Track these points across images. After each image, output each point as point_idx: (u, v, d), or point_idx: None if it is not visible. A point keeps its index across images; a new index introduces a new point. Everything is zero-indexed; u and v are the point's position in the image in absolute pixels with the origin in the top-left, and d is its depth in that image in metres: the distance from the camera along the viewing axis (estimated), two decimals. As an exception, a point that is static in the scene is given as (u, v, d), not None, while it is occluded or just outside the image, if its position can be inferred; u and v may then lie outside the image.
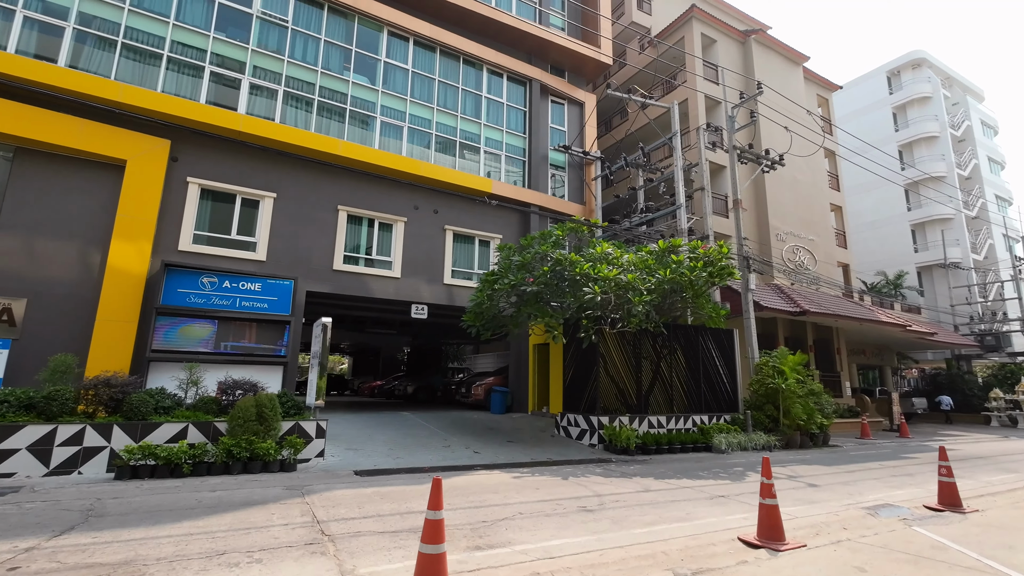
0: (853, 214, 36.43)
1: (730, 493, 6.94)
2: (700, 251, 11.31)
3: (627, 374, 13.25)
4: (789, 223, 21.22)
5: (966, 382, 28.02)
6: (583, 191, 19.02)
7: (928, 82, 34.69)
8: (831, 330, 22.16)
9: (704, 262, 11.11)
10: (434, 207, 15.67)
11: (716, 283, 11.02)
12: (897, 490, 7.60)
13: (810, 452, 12.39)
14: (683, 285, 10.71)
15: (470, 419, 14.26)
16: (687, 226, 15.32)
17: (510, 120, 17.80)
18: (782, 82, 22.54)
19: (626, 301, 10.24)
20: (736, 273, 11.36)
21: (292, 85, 13.93)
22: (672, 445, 11.52)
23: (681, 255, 10.99)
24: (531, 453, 10.05)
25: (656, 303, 10.63)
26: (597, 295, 10.17)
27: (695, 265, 10.89)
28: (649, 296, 10.31)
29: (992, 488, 8.06)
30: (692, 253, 11.44)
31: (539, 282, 10.99)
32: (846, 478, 8.53)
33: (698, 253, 11.27)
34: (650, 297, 10.35)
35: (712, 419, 13.23)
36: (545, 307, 11.07)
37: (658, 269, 10.69)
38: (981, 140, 35.98)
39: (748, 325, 14.76)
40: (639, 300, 10.12)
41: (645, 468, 9.04)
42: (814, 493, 7.15)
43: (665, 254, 11.34)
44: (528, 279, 11.12)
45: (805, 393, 13.81)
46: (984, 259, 33.16)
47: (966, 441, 17.09)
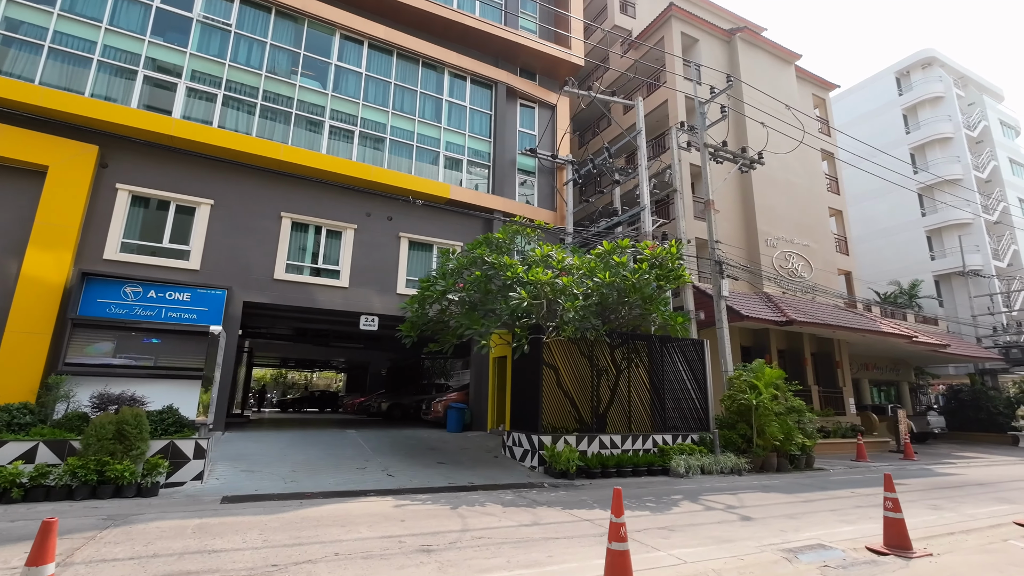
0: (865, 221, 34.72)
1: (637, 528, 5.84)
2: (647, 252, 10.27)
3: (581, 388, 12.18)
4: (781, 228, 19.91)
5: (991, 399, 25.81)
6: (555, 197, 18.16)
7: (940, 81, 33.02)
8: (832, 343, 20.60)
9: (650, 264, 10.07)
10: (388, 214, 14.99)
11: (664, 287, 9.95)
12: (848, 525, 6.37)
13: (783, 476, 11.05)
14: (627, 289, 9.67)
15: (418, 438, 13.31)
16: (651, 229, 14.27)
17: (474, 124, 17.13)
18: (772, 81, 21.45)
19: (560, 307, 9.26)
20: (687, 277, 10.28)
21: (234, 89, 13.51)
22: (623, 468, 10.35)
23: (624, 257, 9.98)
24: (455, 477, 9.04)
25: (593, 309, 9.61)
26: (524, 300, 9.22)
27: (640, 267, 9.86)
28: (583, 301, 9.31)
29: (971, 524, 6.75)
30: (639, 255, 10.41)
31: (469, 288, 10.10)
32: (798, 509, 7.30)
33: (644, 255, 10.24)
34: (584, 302, 9.34)
35: (677, 439, 12.00)
36: (477, 315, 10.15)
37: (598, 272, 9.70)
38: (1000, 141, 33.96)
39: (721, 335, 13.53)
40: (571, 305, 9.13)
41: (570, 496, 7.95)
42: (738, 529, 5.99)
43: (609, 256, 10.33)
44: (458, 284, 10.24)
45: (784, 410, 12.48)
46: (1008, 266, 30.95)
47: (979, 464, 15.35)
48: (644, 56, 21.00)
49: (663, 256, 10.20)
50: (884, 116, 34.85)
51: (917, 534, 5.96)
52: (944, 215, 31.14)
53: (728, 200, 19.57)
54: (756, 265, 18.49)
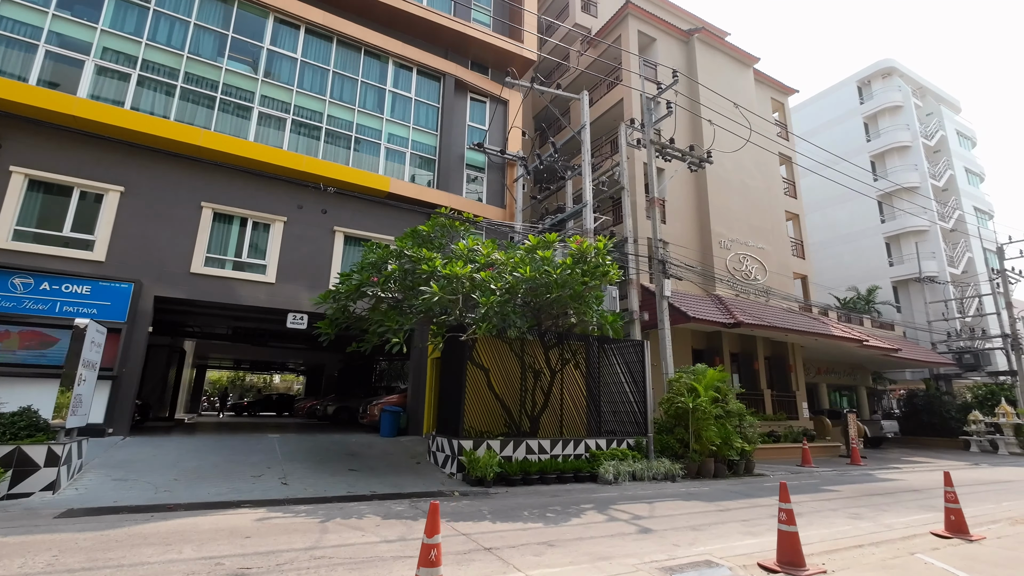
0: (826, 227, 35.06)
1: (516, 542, 5.26)
2: (572, 246, 9.76)
3: (514, 391, 11.62)
4: (735, 230, 19.71)
5: (944, 404, 26.07)
6: (505, 194, 17.62)
7: (899, 91, 33.59)
8: (786, 346, 20.45)
9: (575, 260, 9.56)
10: (322, 207, 14.25)
11: (589, 283, 9.44)
12: (752, 538, 5.89)
13: (716, 483, 10.62)
14: (550, 285, 9.13)
15: (344, 443, 12.56)
16: (593, 226, 13.82)
17: (420, 116, 16.51)
18: (730, 84, 21.31)
19: (475, 303, 8.67)
20: (615, 275, 9.80)
21: (151, 70, 12.66)
22: (547, 475, 9.79)
23: (548, 251, 9.45)
24: (359, 485, 8.35)
25: (512, 306, 9.03)
26: (436, 295, 8.62)
27: (565, 263, 9.33)
28: (499, 297, 8.74)
29: (885, 535, 6.34)
30: (566, 250, 9.88)
31: (384, 282, 9.45)
32: (708, 519, 6.81)
33: (570, 250, 9.73)
34: (501, 298, 8.77)
35: (613, 443, 11.49)
36: (393, 312, 9.51)
37: (519, 267, 9.15)
38: (957, 151, 34.67)
39: (663, 336, 13.11)
40: (486, 301, 8.55)
41: (471, 506, 7.33)
42: (628, 543, 5.45)
43: (535, 251, 9.79)
44: (373, 279, 9.58)
45: (723, 414, 12.09)
46: (963, 273, 31.49)
47: (923, 469, 15.22)
48: (603, 54, 20.69)
49: (589, 252, 9.69)
50: (846, 124, 35.31)
51: (821, 548, 5.51)
52: (902, 222, 31.58)
53: (682, 201, 19.31)
54: (708, 266, 18.22)
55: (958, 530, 6.42)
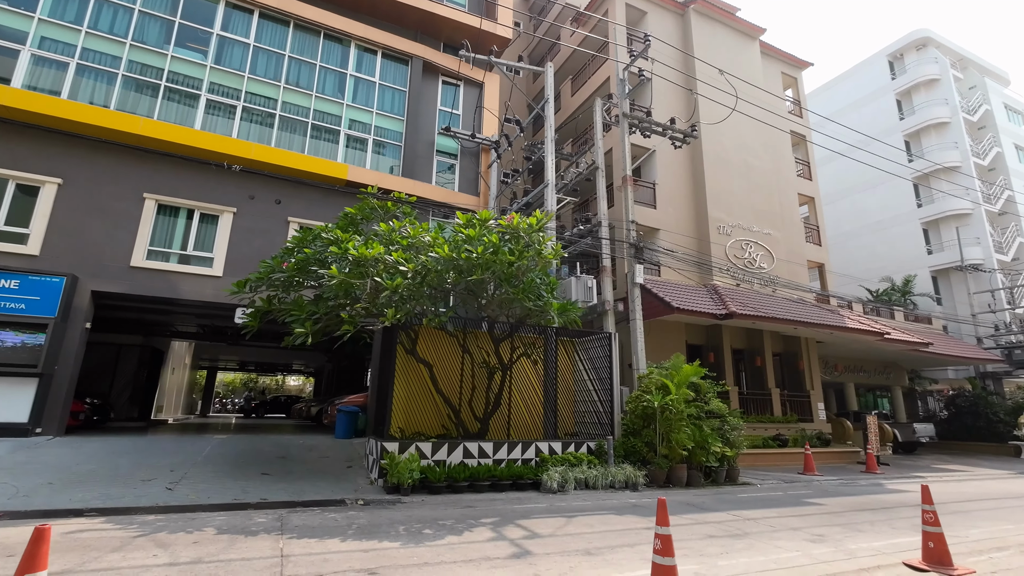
0: (855, 215, 32.50)
1: (311, 573, 4.22)
2: (501, 223, 8.63)
3: (460, 387, 10.58)
4: (737, 215, 18.02)
5: (991, 405, 23.35)
6: (479, 182, 16.60)
7: (935, 63, 30.72)
8: (798, 341, 18.60)
9: (503, 238, 8.43)
10: (276, 197, 13.60)
11: (516, 264, 8.27)
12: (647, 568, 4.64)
13: (682, 493, 9.24)
14: (473, 266, 8.04)
15: (286, 445, 11.80)
16: (556, 208, 12.62)
17: (385, 101, 15.71)
18: (732, 58, 19.62)
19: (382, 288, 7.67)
20: (551, 254, 8.60)
21: (90, 59, 12.30)
22: (479, 482, 8.67)
23: (472, 230, 8.35)
24: (258, 492, 7.46)
25: (426, 291, 7.99)
26: (336, 278, 7.68)
27: (491, 242, 8.22)
28: (409, 280, 7.72)
29: (837, 566, 4.97)
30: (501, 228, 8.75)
31: (293, 269, 8.60)
32: (616, 541, 5.58)
33: (499, 226, 8.59)
34: (412, 281, 7.75)
35: (570, 447, 10.26)
36: (302, 299, 8.64)
37: (434, 247, 8.10)
38: (1005, 126, 31.44)
39: (634, 328, 11.78)
40: (390, 284, 7.54)
41: (354, 518, 6.33)
42: (479, 570, 4.32)
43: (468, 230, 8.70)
44: (284, 264, 8.75)
45: (699, 415, 10.68)
46: (1013, 260, 28.41)
47: (949, 479, 13.26)
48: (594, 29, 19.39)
49: (521, 229, 8.53)
50: (877, 102, 32.60)
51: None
52: (941, 205, 28.79)
53: (676, 184, 17.80)
54: (704, 254, 16.65)
55: (938, 562, 4.97)
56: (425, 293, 8.18)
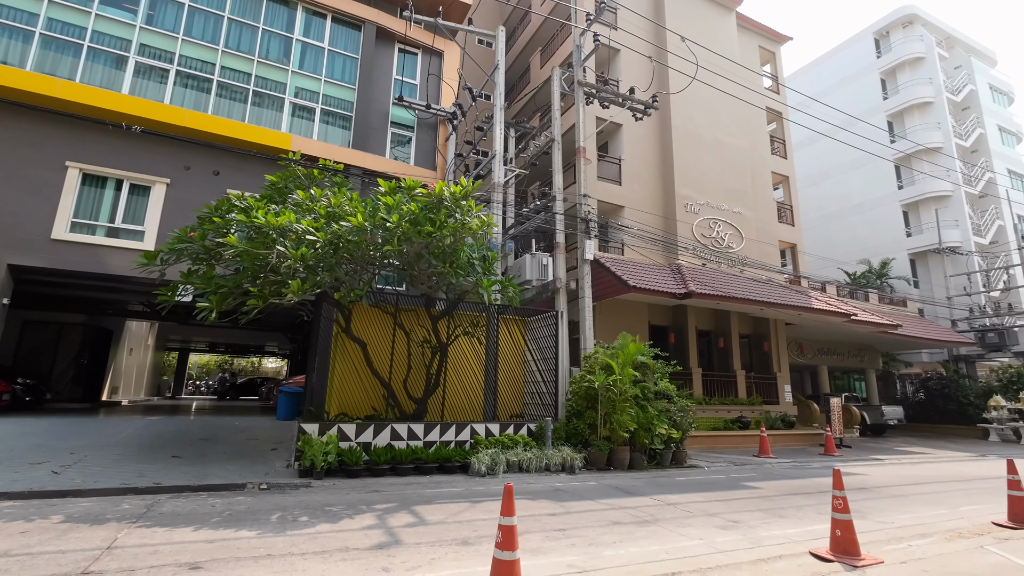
0: (839, 196, 32.10)
1: (134, 568, 3.75)
2: (422, 191, 8.04)
3: (397, 367, 10.12)
4: (707, 193, 17.49)
5: (961, 388, 23.28)
6: (436, 155, 15.93)
7: (920, 41, 30.04)
8: (767, 323, 18.25)
9: (424, 208, 7.86)
10: (215, 168, 12.90)
11: (435, 235, 7.71)
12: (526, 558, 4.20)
13: (619, 476, 8.86)
14: (391, 237, 7.48)
15: (217, 427, 11.36)
16: (504, 180, 12.03)
17: (335, 68, 14.92)
18: (706, 30, 18.88)
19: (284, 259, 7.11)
20: (475, 224, 8.03)
21: (4, 15, 11.44)
22: (401, 465, 8.23)
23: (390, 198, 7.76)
24: (152, 476, 6.97)
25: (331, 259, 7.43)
26: (235, 247, 7.11)
27: (409, 211, 7.65)
28: (313, 251, 7.15)
29: (734, 556, 4.57)
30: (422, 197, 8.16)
31: (199, 239, 8.00)
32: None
33: (418, 194, 8.01)
34: (318, 251, 7.19)
35: (508, 429, 9.84)
36: (211, 271, 8.07)
37: (348, 215, 7.52)
38: (989, 107, 30.94)
39: (583, 306, 11.31)
40: (295, 254, 6.98)
41: (236, 504, 5.86)
42: (311, 563, 3.87)
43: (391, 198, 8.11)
44: (191, 234, 8.16)
45: (644, 395, 10.28)
46: (991, 243, 28.15)
47: (908, 462, 13.03)
48: (561, 1, 18.55)
49: (445, 198, 7.95)
50: (862, 81, 31.94)
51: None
52: (922, 187, 28.38)
53: (643, 160, 17.20)
54: (670, 233, 16.15)
55: (844, 551, 4.58)
56: (338, 265, 7.62)
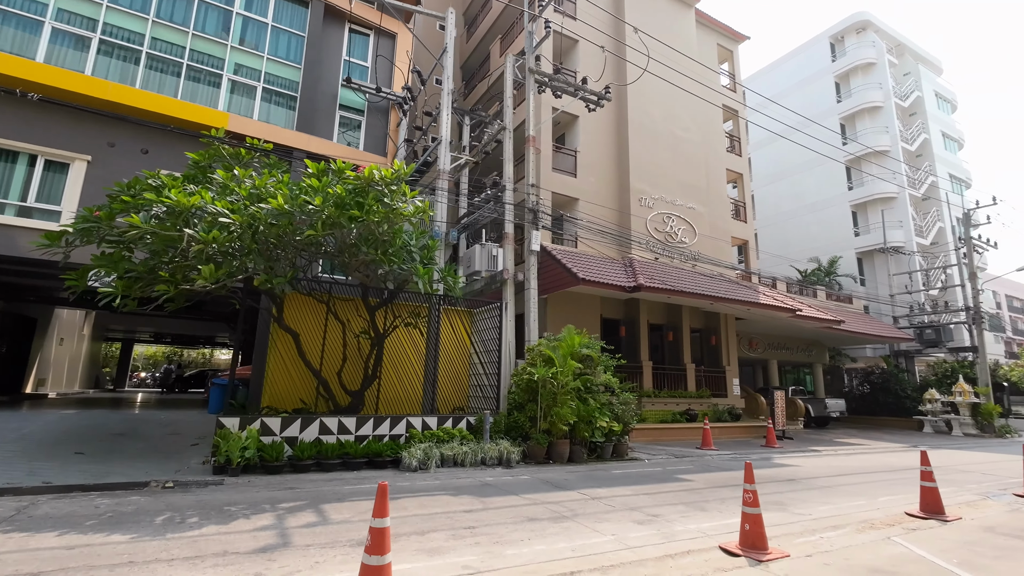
0: (794, 196, 32.96)
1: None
2: (349, 173, 7.67)
3: (328, 358, 9.73)
4: (661, 187, 17.58)
5: (900, 382, 24.35)
6: (388, 141, 15.43)
7: (872, 47, 31.06)
8: (718, 318, 18.55)
9: (352, 191, 7.49)
10: (143, 146, 12.07)
11: (370, 222, 7.36)
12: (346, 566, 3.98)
13: (556, 469, 8.74)
14: (315, 221, 7.08)
15: (146, 420, 10.75)
16: (449, 167, 11.72)
17: (279, 46, 14.21)
18: (666, 26, 18.92)
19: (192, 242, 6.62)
20: (404, 208, 7.71)
21: None
22: (326, 461, 7.89)
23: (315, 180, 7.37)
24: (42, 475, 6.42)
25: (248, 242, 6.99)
26: (139, 229, 6.60)
27: (335, 194, 7.25)
28: (230, 234, 6.70)
29: (642, 552, 4.45)
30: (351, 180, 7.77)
31: (107, 217, 7.41)
32: (423, 526, 4.91)
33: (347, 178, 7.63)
34: (233, 235, 6.74)
35: (446, 422, 9.59)
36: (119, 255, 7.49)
37: (268, 197, 7.09)
38: (934, 114, 32.32)
39: (528, 297, 11.13)
40: (205, 237, 6.51)
41: (142, 503, 5.43)
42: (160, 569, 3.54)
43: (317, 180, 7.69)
44: (96, 213, 7.54)
45: (585, 388, 10.19)
46: (932, 244, 29.50)
47: (844, 453, 13.44)
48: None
49: (376, 182, 7.60)
50: (817, 83, 32.85)
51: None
52: (870, 188, 29.43)
53: (599, 152, 17.14)
54: (624, 226, 16.15)
55: (752, 545, 4.52)
56: (258, 250, 7.18)
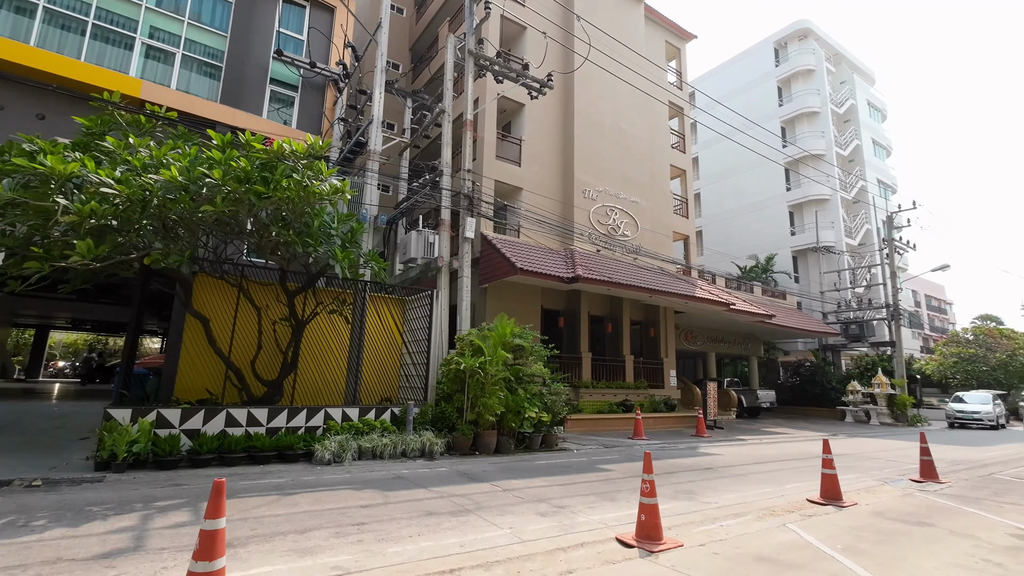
0: (737, 195, 34.06)
1: None
2: (256, 146, 7.14)
3: (242, 346, 9.16)
4: (605, 180, 17.64)
5: (826, 374, 25.73)
6: (323, 120, 14.70)
7: (812, 54, 32.42)
8: (658, 311, 18.88)
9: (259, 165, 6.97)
10: (39, 111, 10.93)
11: (268, 196, 6.88)
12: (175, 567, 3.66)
13: (477, 461, 8.55)
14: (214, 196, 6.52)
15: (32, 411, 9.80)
16: (381, 148, 11.26)
17: (203, 11, 13.21)
18: (615, 20, 18.92)
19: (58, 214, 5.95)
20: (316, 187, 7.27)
21: None
22: (228, 455, 7.37)
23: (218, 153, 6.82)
24: None
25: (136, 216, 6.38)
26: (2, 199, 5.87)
27: (238, 168, 6.71)
28: (109, 207, 6.07)
29: (536, 546, 4.31)
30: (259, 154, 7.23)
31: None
32: (298, 525, 4.58)
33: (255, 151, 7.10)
34: (110, 209, 6.11)
35: (370, 413, 9.21)
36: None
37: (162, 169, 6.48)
38: (866, 121, 34.16)
39: (461, 285, 10.87)
40: (81, 209, 5.86)
41: None
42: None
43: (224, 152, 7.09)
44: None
45: (515, 378, 10.05)
46: (860, 245, 31.26)
47: (769, 442, 13.97)
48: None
49: (287, 156, 7.11)
50: (761, 87, 34.01)
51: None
52: (806, 190, 30.80)
53: (544, 142, 16.99)
54: (567, 218, 16.11)
55: (646, 536, 4.47)
56: (148, 226, 6.56)
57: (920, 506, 6.36)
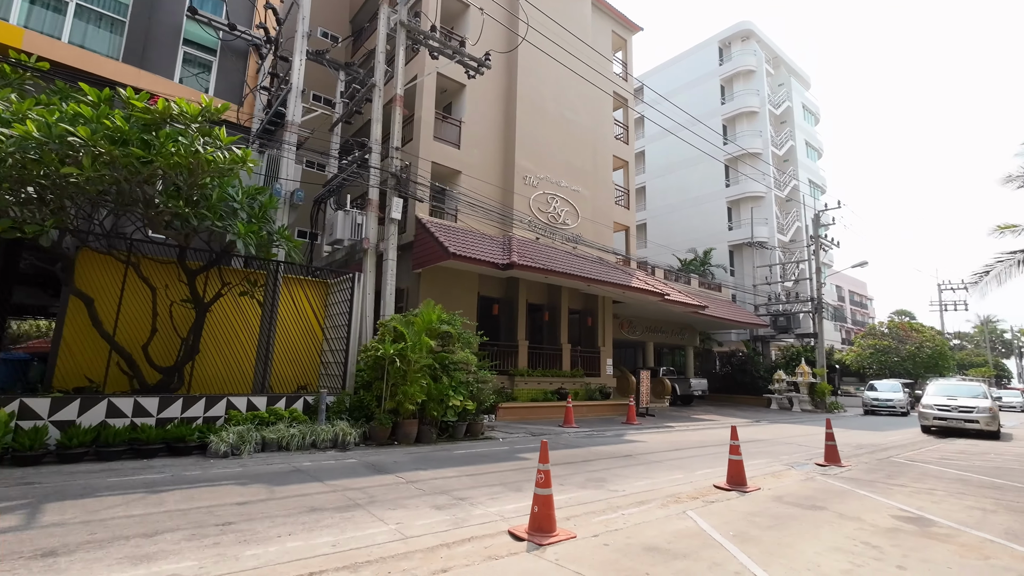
0: (679, 189, 34.85)
1: None
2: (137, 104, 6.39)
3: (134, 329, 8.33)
4: (547, 167, 17.46)
5: (756, 364, 26.94)
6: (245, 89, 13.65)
7: (753, 55, 33.50)
8: (596, 300, 19.01)
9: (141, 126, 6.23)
10: None
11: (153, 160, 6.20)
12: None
13: (393, 451, 8.18)
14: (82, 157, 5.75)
15: None
16: (300, 119, 10.55)
17: (103, -42, 11.87)
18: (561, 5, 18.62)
19: None
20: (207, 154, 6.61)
21: None
22: (107, 448, 6.66)
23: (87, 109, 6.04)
24: None
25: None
26: None
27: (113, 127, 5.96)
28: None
29: (419, 543, 4.01)
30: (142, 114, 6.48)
31: None
32: (147, 528, 4.09)
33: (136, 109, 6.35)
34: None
35: (278, 403, 8.63)
36: None
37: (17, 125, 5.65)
38: (800, 123, 35.76)
39: (386, 268, 10.38)
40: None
41: None
42: None
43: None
44: None
45: (442, 366, 9.72)
46: (791, 241, 32.81)
47: (695, 428, 14.33)
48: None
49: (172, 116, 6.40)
50: (705, 85, 34.86)
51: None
52: (744, 187, 31.93)
53: (485, 126, 16.58)
54: (507, 204, 15.82)
55: (538, 528, 4.28)
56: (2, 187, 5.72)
57: (817, 490, 6.56)
